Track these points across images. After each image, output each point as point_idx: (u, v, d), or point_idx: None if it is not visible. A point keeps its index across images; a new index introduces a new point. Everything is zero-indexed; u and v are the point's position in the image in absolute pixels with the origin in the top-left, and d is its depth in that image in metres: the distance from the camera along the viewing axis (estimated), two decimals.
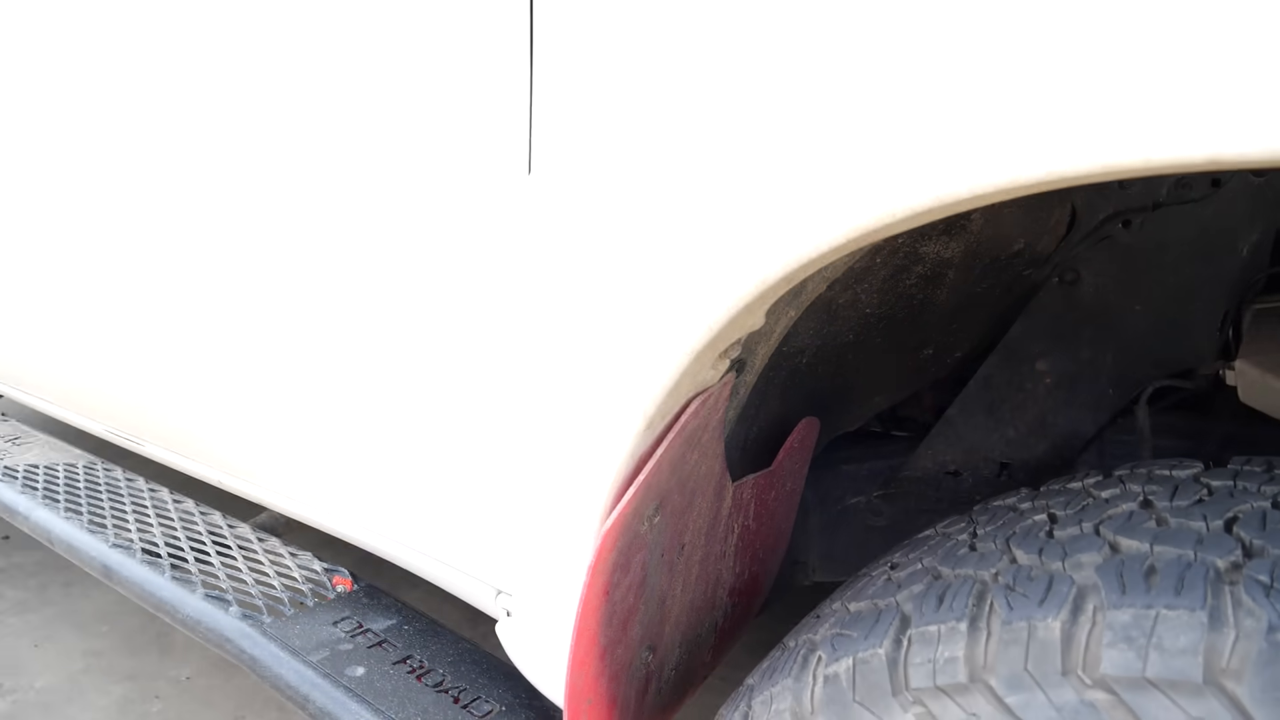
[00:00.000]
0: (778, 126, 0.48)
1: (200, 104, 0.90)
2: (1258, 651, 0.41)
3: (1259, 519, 0.49)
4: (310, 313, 0.85)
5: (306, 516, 1.02)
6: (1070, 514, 0.56)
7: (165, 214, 0.98)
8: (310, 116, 0.79)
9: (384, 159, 0.73)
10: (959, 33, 0.41)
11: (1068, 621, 0.46)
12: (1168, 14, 0.36)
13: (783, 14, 0.47)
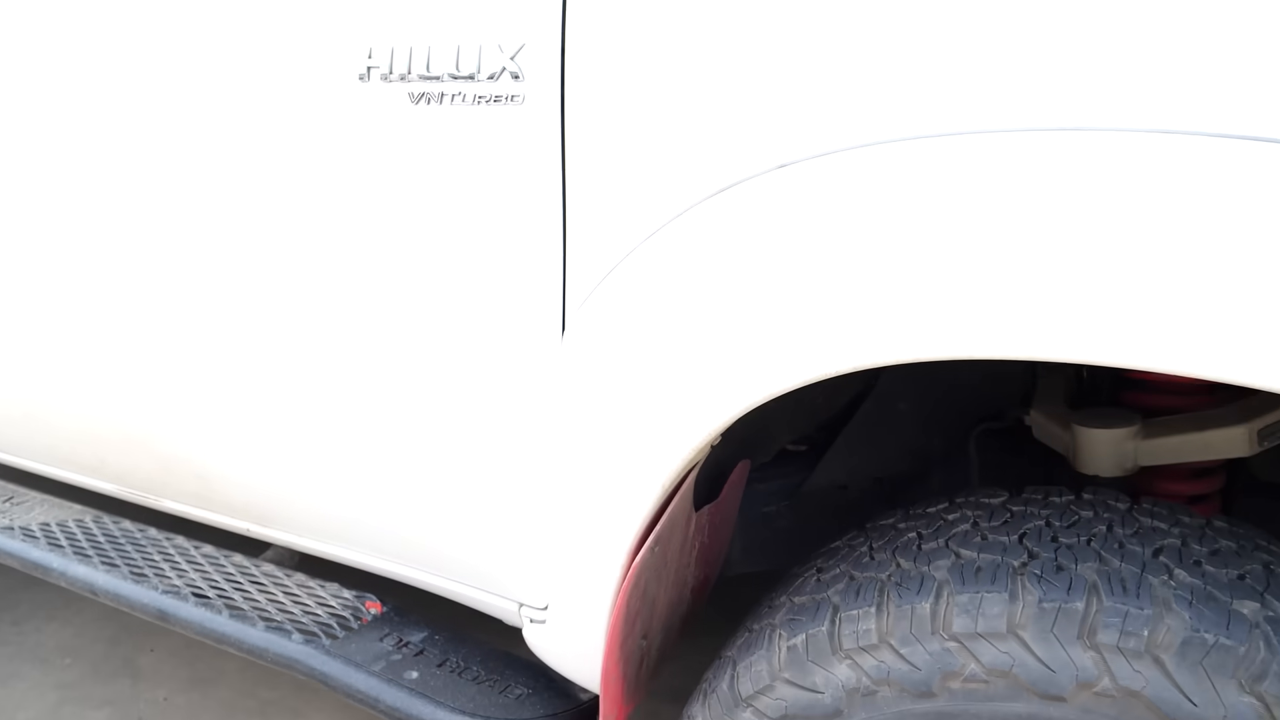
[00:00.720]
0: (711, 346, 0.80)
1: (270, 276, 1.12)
2: (1035, 614, 0.74)
3: (1038, 532, 0.83)
4: (383, 425, 1.09)
5: (339, 555, 1.25)
6: (929, 533, 0.88)
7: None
8: (370, 297, 1.03)
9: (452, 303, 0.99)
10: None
11: (933, 603, 0.78)
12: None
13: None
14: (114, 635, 2.13)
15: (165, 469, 1.34)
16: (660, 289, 0.85)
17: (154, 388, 1.26)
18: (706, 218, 0.82)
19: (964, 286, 0.70)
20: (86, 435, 1.40)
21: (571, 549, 0.97)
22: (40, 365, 1.38)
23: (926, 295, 0.71)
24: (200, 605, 1.25)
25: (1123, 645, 0.71)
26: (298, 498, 1.22)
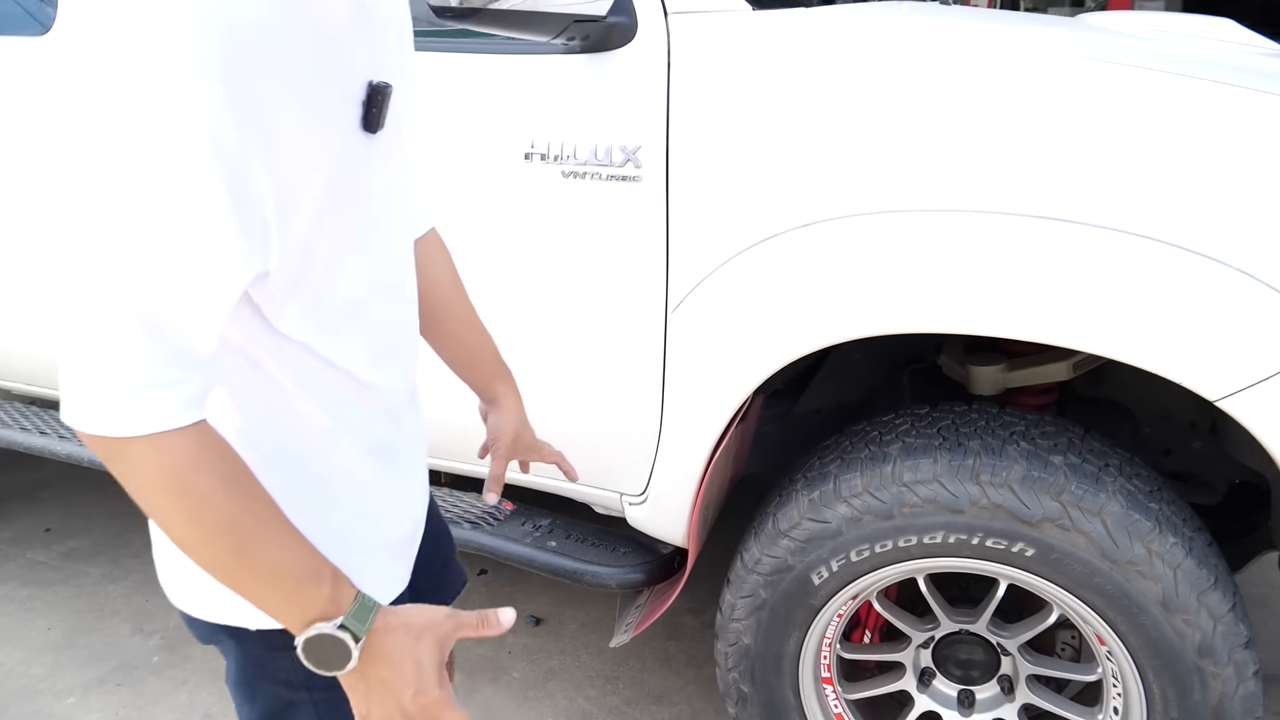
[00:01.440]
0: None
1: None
2: (946, 469, 1.37)
3: (948, 427, 1.46)
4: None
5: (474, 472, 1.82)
6: (885, 431, 1.50)
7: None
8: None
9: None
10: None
11: (891, 468, 1.41)
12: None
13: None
14: None
15: None
16: (729, 295, 1.44)
17: None
18: (757, 255, 1.40)
19: (900, 293, 1.31)
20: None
21: (673, 453, 1.56)
22: None
23: (876, 298, 1.32)
24: None
25: (992, 481, 1.35)
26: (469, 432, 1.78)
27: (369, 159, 0.77)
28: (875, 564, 1.45)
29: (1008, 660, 1.58)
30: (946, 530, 1.39)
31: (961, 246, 1.29)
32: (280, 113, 0.66)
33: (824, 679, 1.61)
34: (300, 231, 0.71)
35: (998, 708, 1.60)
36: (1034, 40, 1.54)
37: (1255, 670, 1.35)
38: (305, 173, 0.70)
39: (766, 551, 1.52)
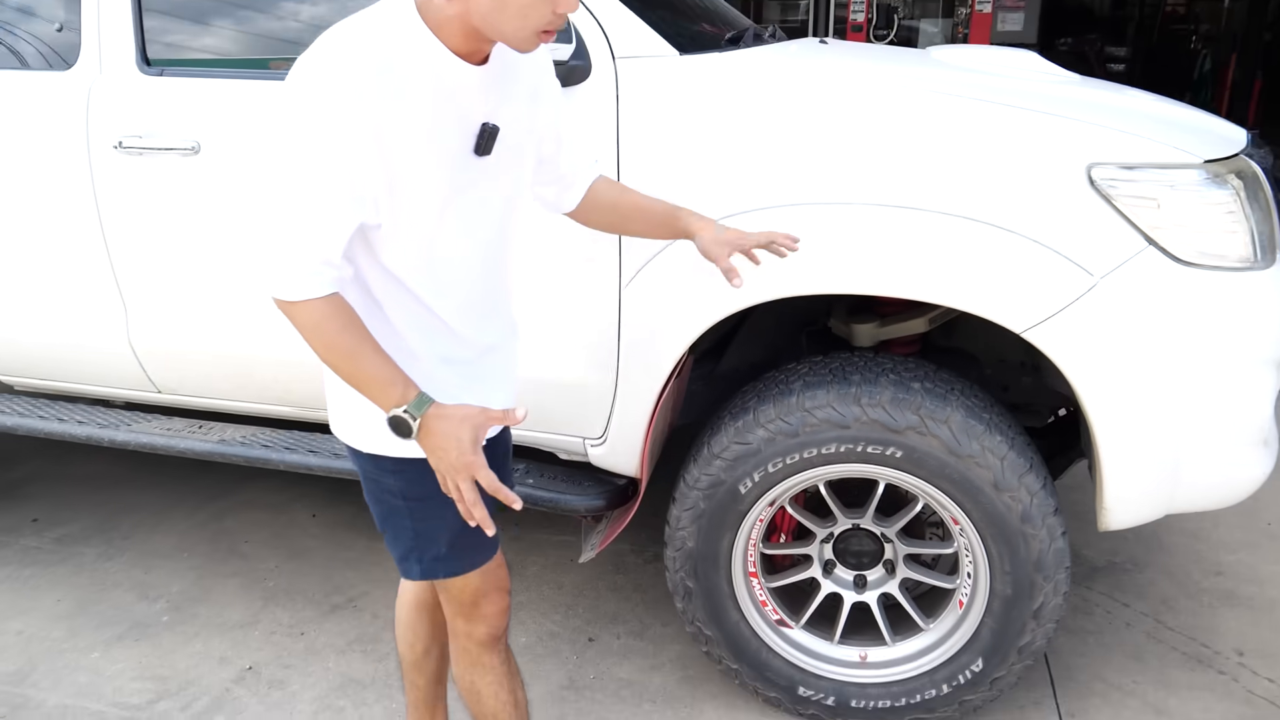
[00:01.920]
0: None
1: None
2: (837, 396, 1.83)
3: (837, 370, 1.92)
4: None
5: None
6: (790, 376, 1.95)
7: None
8: None
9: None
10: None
11: (796, 399, 1.86)
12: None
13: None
14: (214, 536, 2.92)
15: None
16: (667, 274, 1.87)
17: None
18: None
19: (795, 266, 1.77)
20: (281, 374, 2.25)
21: (626, 401, 1.98)
22: (260, 327, 2.22)
23: (778, 270, 1.77)
24: None
25: (870, 403, 1.82)
26: None
27: (480, 174, 1.24)
28: (786, 473, 1.90)
29: (889, 547, 2.05)
30: (838, 442, 1.85)
31: (838, 229, 1.76)
32: (403, 147, 1.16)
33: (750, 573, 2.05)
34: (419, 208, 1.21)
35: (883, 585, 2.07)
36: (883, 73, 2.03)
37: (1063, 532, 1.85)
38: (418, 177, 1.19)
39: (704, 471, 1.95)
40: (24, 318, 2.39)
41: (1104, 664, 2.31)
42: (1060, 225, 1.72)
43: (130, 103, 2.15)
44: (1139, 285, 1.71)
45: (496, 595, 1.53)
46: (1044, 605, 1.87)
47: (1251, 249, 1.75)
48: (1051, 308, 1.72)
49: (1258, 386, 1.78)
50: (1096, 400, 1.75)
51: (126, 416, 2.46)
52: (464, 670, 1.59)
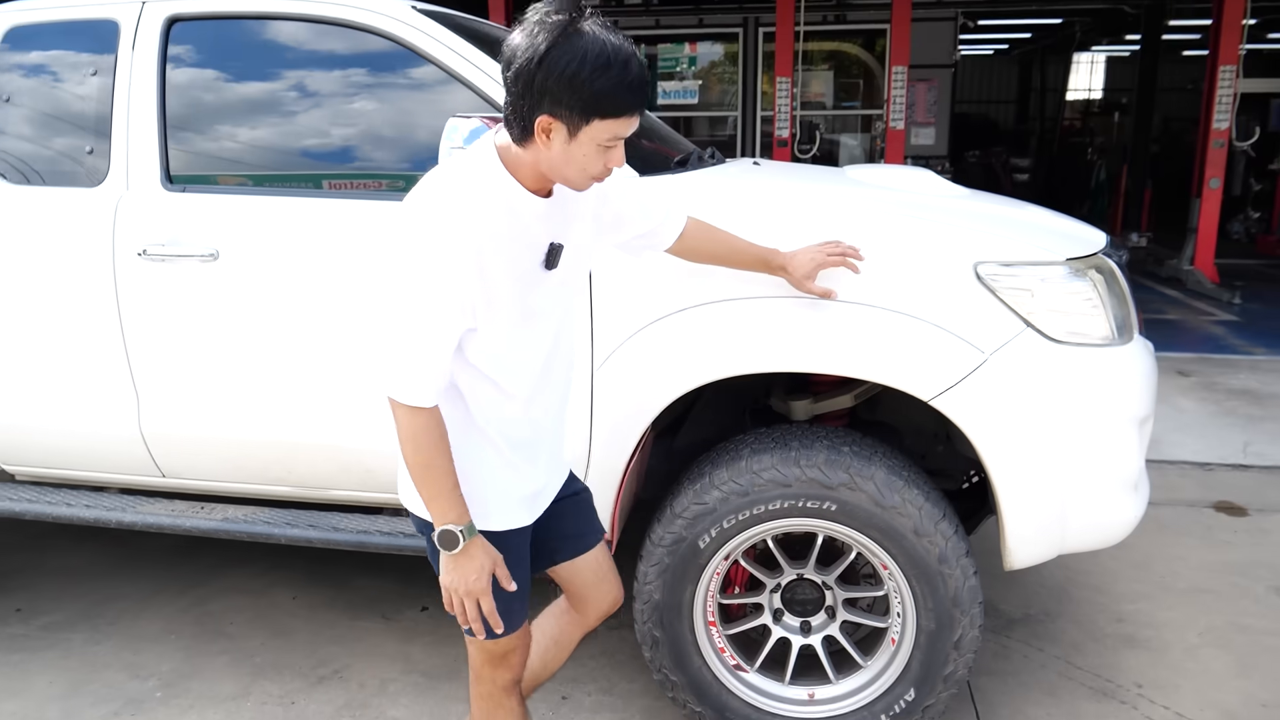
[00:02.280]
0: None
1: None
2: (749, 458, 2.15)
3: (778, 441, 2.25)
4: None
5: None
6: (739, 446, 2.27)
7: None
8: None
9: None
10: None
11: (745, 463, 2.17)
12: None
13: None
14: (198, 619, 3.07)
15: (343, 469, 2.47)
16: (632, 358, 2.19)
17: (355, 424, 2.40)
18: (649, 332, 2.17)
19: (736, 350, 2.11)
20: (283, 456, 2.49)
21: (599, 469, 2.27)
22: (267, 414, 2.47)
23: (723, 354, 2.11)
24: (370, 537, 2.40)
25: (807, 465, 2.14)
26: None
27: (546, 282, 1.59)
28: (739, 529, 2.20)
29: (829, 594, 2.34)
30: (782, 498, 2.15)
31: (778, 319, 2.11)
32: (493, 267, 1.49)
33: (710, 622, 2.32)
34: (499, 314, 1.52)
35: (826, 629, 2.35)
36: (809, 191, 2.43)
37: (975, 571, 2.17)
38: (504, 290, 1.52)
39: (667, 529, 2.23)
40: (40, 408, 2.60)
41: (1023, 700, 2.61)
42: (955, 312, 2.10)
43: (155, 215, 2.44)
44: (1021, 360, 2.09)
45: (522, 649, 1.83)
46: (963, 637, 2.17)
47: (1110, 329, 2.15)
48: (951, 379, 2.08)
49: (1124, 441, 2.16)
50: (994, 456, 2.11)
51: (128, 500, 2.65)
52: (486, 714, 1.84)
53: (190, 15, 2.52)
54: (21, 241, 2.55)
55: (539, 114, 1.43)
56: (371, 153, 2.52)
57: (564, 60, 1.38)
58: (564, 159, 1.46)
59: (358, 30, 2.44)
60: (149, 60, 2.50)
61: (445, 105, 2.39)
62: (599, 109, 1.42)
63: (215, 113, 2.54)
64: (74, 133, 2.57)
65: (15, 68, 2.63)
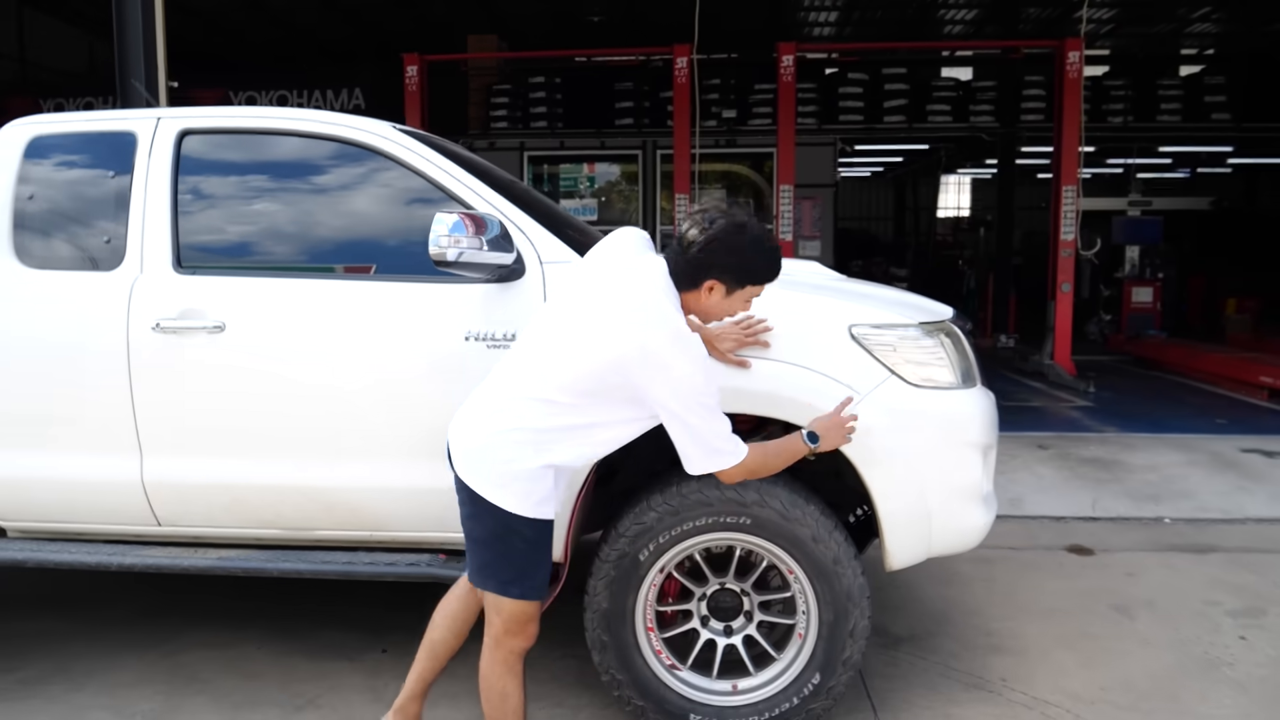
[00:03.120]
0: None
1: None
2: (702, 488, 2.66)
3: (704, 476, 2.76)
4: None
5: (417, 538, 2.85)
6: (670, 476, 2.77)
7: None
8: None
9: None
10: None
11: (677, 488, 2.67)
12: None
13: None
14: (171, 669, 3.31)
15: (328, 509, 2.85)
16: None
17: (340, 468, 2.80)
18: None
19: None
20: (273, 501, 2.86)
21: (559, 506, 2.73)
22: (255, 466, 2.84)
23: None
24: (355, 567, 2.78)
25: (725, 488, 2.65)
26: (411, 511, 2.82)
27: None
28: (672, 543, 2.67)
29: (746, 599, 2.82)
30: (706, 515, 2.65)
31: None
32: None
33: (649, 628, 2.76)
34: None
35: (745, 630, 2.82)
36: None
37: (862, 571, 2.69)
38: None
39: (612, 547, 2.69)
40: (46, 463, 2.91)
41: (908, 692, 3.11)
42: (837, 364, 2.68)
43: (167, 294, 2.85)
44: (888, 400, 2.68)
45: (536, 621, 2.34)
46: (856, 625, 2.67)
47: (955, 377, 2.77)
48: None
49: (971, 462, 2.75)
50: (871, 474, 2.66)
51: (125, 547, 2.95)
52: (498, 677, 2.30)
53: (200, 130, 3.01)
54: (40, 316, 2.91)
55: (707, 279, 2.21)
56: (353, 241, 3.01)
57: (738, 251, 2.21)
58: (717, 307, 2.28)
59: (346, 144, 2.96)
60: (163, 165, 2.95)
61: (415, 205, 2.92)
62: (754, 278, 2.26)
63: (219, 208, 3.00)
64: (92, 225, 2.98)
65: (37, 171, 3.04)
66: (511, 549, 2.23)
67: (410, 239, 2.90)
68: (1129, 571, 4.28)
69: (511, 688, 2.32)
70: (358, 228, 3.00)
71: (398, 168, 2.92)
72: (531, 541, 2.25)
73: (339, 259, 2.98)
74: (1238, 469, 5.90)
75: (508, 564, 2.25)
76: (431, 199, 2.88)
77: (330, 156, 2.99)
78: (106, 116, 3.10)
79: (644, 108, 13.10)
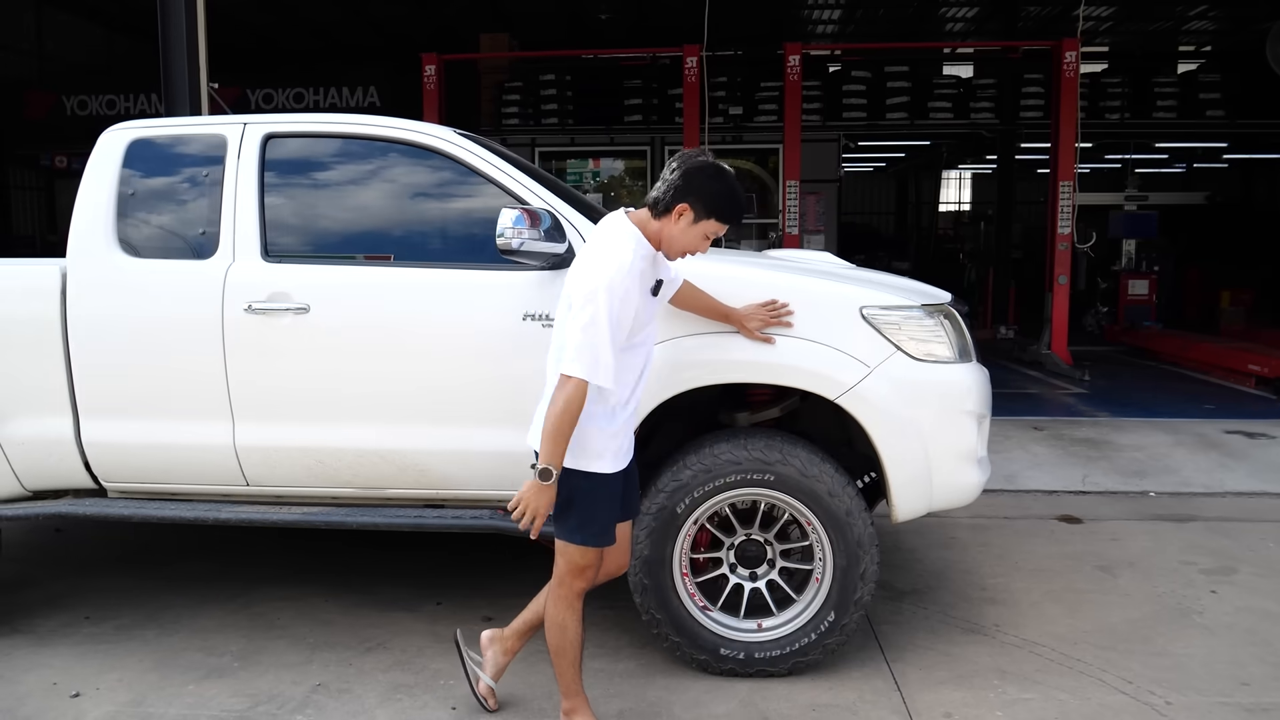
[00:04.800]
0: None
1: None
2: (720, 441, 3.04)
3: (729, 440, 3.13)
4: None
5: (468, 494, 3.23)
6: (703, 440, 3.14)
7: None
8: None
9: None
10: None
11: (710, 448, 3.05)
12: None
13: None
14: (250, 618, 3.69)
15: (400, 470, 3.23)
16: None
17: (413, 434, 3.18)
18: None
19: (696, 370, 3.02)
20: (352, 462, 3.23)
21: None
22: (335, 431, 3.22)
23: (689, 373, 3.02)
24: (425, 520, 3.16)
25: (752, 448, 3.02)
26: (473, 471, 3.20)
27: (650, 305, 2.55)
28: (705, 498, 3.05)
29: (769, 549, 3.19)
30: (735, 473, 3.02)
31: (732, 346, 3.03)
32: (636, 293, 2.48)
33: (684, 573, 3.13)
34: (635, 323, 2.47)
35: (768, 575, 3.19)
36: (742, 263, 3.40)
37: (871, 522, 3.07)
38: (633, 311, 2.45)
39: (653, 501, 3.07)
40: (148, 429, 3.29)
41: (912, 635, 3.49)
42: (849, 340, 3.06)
43: (258, 280, 3.22)
44: (894, 371, 3.05)
45: (596, 567, 2.67)
46: (866, 570, 3.05)
47: (952, 351, 3.14)
48: (848, 385, 3.02)
49: (966, 427, 3.13)
50: (880, 436, 3.04)
51: (215, 505, 3.33)
52: (559, 611, 2.66)
53: (283, 134, 3.38)
54: (143, 299, 3.29)
55: (681, 201, 2.48)
56: (419, 232, 3.38)
57: (714, 182, 2.53)
58: (682, 235, 2.50)
59: (412, 147, 3.32)
60: (251, 165, 3.32)
61: (474, 200, 3.29)
62: (719, 212, 2.53)
63: (301, 203, 3.37)
64: (188, 219, 3.35)
65: (137, 171, 3.41)
66: (570, 500, 2.58)
67: (471, 230, 3.29)
68: (1114, 537, 4.66)
69: (570, 621, 2.67)
70: (423, 220, 3.38)
71: (458, 167, 3.29)
72: (586, 492, 2.57)
73: (407, 248, 3.34)
74: (1220, 448, 6.27)
75: (569, 513, 2.60)
76: (488, 195, 3.25)
77: (398, 157, 3.36)
78: (198, 122, 3.47)
79: (652, 105, 13.45)
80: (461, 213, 3.37)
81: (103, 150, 3.43)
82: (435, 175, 3.36)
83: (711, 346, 3.06)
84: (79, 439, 3.34)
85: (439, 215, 3.42)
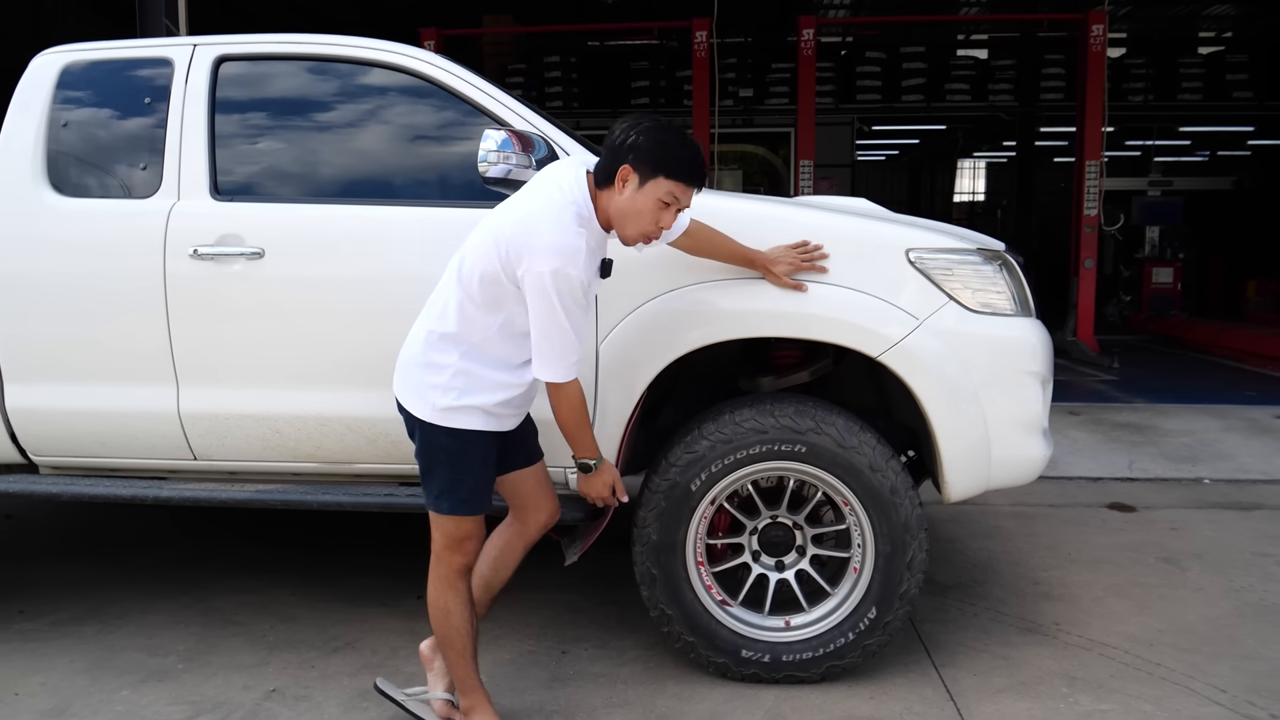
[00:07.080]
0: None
1: None
2: (747, 410, 2.58)
3: (748, 406, 2.68)
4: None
5: None
6: (722, 406, 2.69)
7: None
8: None
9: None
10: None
11: (729, 415, 2.59)
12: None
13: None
14: (205, 612, 3.24)
15: (370, 441, 2.78)
16: (627, 336, 2.61)
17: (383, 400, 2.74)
18: (639, 313, 2.60)
19: (710, 324, 2.56)
20: (314, 433, 2.79)
21: (601, 436, 2.63)
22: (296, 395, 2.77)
23: (698, 329, 2.57)
24: (395, 499, 2.71)
25: (780, 414, 2.57)
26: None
27: (598, 285, 2.11)
28: (725, 473, 2.59)
29: (799, 534, 2.74)
30: (760, 443, 2.57)
31: (763, 293, 2.57)
32: (588, 274, 2.07)
33: (699, 561, 2.68)
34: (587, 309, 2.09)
35: (797, 565, 2.74)
36: (779, 204, 2.94)
37: (920, 503, 2.61)
38: (587, 293, 2.03)
39: (663, 477, 2.61)
40: (80, 395, 2.84)
41: (961, 635, 3.03)
42: (895, 289, 2.60)
43: (206, 221, 2.78)
44: (946, 325, 2.59)
45: (477, 539, 2.30)
46: (914, 558, 2.59)
47: (1012, 304, 2.68)
48: (893, 340, 2.56)
49: (1030, 390, 2.66)
50: (930, 400, 2.58)
51: (158, 482, 2.89)
52: (440, 593, 2.26)
53: (237, 55, 2.93)
54: (75, 244, 2.84)
55: (621, 163, 2.09)
56: (394, 168, 2.93)
57: (656, 133, 2.12)
58: (629, 204, 2.12)
59: (387, 69, 2.87)
60: (200, 92, 2.88)
61: (459, 130, 2.84)
62: (669, 168, 2.09)
63: (257, 136, 2.92)
64: (128, 153, 2.91)
65: (70, 100, 2.96)
66: (434, 462, 2.21)
67: (455, 164, 2.84)
68: (1173, 526, 4.19)
69: (454, 603, 2.28)
70: (399, 154, 2.92)
71: (439, 92, 2.84)
72: (453, 453, 2.19)
73: (379, 185, 2.90)
74: (1275, 433, 5.80)
75: (432, 477, 2.23)
76: (473, 124, 2.80)
77: (371, 82, 2.91)
78: (141, 44, 3.02)
79: (660, 87, 13.00)
80: (444, 145, 2.91)
81: (32, 76, 2.98)
82: (414, 103, 2.90)
83: (730, 295, 2.61)
84: (2, 407, 2.90)
85: (418, 148, 2.96)
